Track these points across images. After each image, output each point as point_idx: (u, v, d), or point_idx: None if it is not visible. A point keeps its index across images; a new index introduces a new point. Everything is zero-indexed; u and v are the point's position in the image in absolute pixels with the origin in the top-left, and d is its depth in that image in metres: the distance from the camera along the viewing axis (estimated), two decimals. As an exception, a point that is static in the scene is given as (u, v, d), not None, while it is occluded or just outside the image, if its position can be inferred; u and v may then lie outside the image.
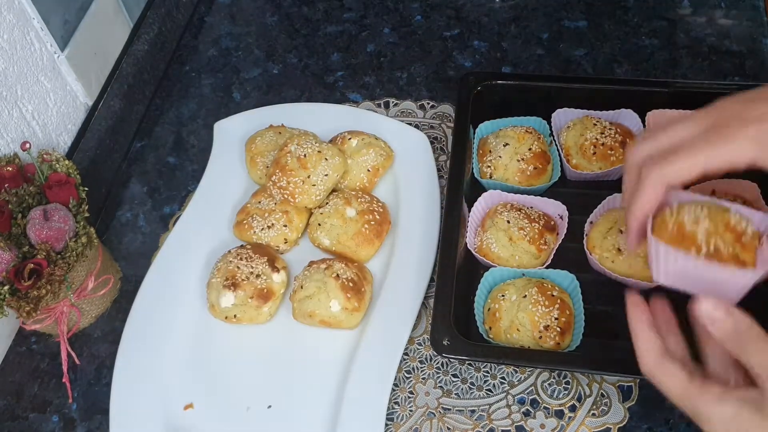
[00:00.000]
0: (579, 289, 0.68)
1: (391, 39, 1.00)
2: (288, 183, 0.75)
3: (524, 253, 0.71)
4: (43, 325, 0.69)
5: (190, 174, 0.88)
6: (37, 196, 0.69)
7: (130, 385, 0.70)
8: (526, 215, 0.72)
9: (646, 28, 0.95)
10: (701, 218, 0.52)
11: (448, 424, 0.66)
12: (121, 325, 0.74)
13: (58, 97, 0.80)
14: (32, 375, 0.74)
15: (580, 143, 0.77)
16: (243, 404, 0.69)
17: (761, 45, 0.92)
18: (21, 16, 0.72)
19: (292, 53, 1.00)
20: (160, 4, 0.98)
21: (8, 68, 0.71)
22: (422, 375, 0.70)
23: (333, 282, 0.70)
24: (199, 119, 0.94)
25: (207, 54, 1.02)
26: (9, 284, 0.63)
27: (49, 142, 0.79)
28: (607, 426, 0.65)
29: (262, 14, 1.06)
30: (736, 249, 0.52)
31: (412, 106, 0.91)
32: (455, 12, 1.02)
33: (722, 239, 0.52)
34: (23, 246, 0.66)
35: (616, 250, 0.69)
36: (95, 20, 0.85)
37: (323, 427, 0.66)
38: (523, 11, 1.00)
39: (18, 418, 0.71)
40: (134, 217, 0.85)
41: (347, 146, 0.81)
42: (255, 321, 0.72)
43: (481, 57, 0.96)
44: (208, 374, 0.71)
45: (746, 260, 0.52)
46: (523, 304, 0.66)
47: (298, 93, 0.95)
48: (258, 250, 0.74)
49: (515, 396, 0.67)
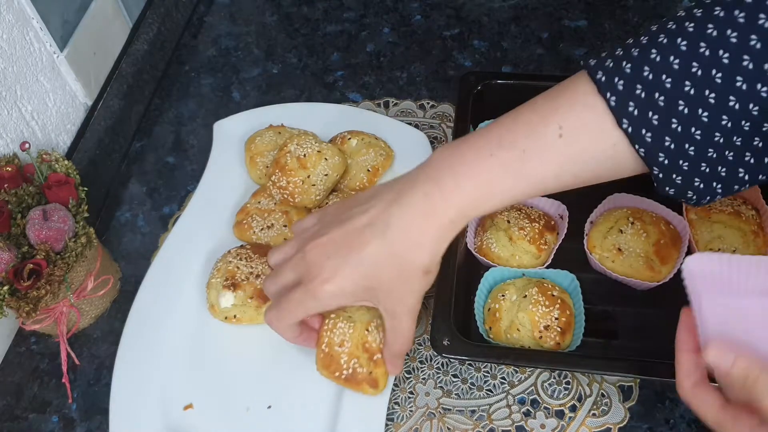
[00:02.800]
0: (579, 289, 0.68)
1: (391, 39, 1.00)
2: (288, 183, 0.75)
3: (524, 253, 0.71)
4: (42, 326, 0.69)
5: (190, 174, 0.88)
6: (37, 196, 0.69)
7: (129, 386, 0.70)
8: (526, 215, 0.72)
9: (646, 28, 0.95)
10: (345, 340, 0.64)
11: (449, 424, 0.66)
12: (121, 326, 0.73)
13: (57, 97, 0.80)
14: (32, 375, 0.73)
15: (580, 143, 0.77)
16: (243, 404, 0.68)
17: (761, 44, 0.92)
18: (20, 16, 0.72)
19: (292, 53, 1.00)
20: (160, 4, 0.98)
21: (7, 68, 0.71)
22: (422, 375, 0.69)
23: None
24: (198, 119, 0.94)
25: (206, 54, 1.02)
26: (8, 284, 0.63)
27: (48, 142, 0.79)
28: (607, 426, 0.65)
29: (261, 14, 1.06)
30: (370, 367, 0.63)
31: (411, 105, 0.91)
32: (455, 11, 1.02)
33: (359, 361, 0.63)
34: (22, 246, 0.66)
35: (616, 250, 0.69)
36: (94, 20, 0.85)
37: (323, 427, 0.66)
38: (523, 11, 1.00)
39: (18, 418, 0.71)
40: (134, 217, 0.85)
41: (347, 146, 0.81)
42: (255, 321, 0.72)
43: (481, 56, 0.96)
44: (207, 374, 0.71)
45: (377, 378, 0.63)
46: (523, 304, 0.66)
47: (297, 93, 0.95)
48: (258, 250, 0.74)
49: (515, 396, 0.67)
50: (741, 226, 0.69)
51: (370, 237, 0.56)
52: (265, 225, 0.76)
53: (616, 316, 0.70)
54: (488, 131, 0.54)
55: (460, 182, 0.53)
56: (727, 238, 0.69)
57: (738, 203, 0.71)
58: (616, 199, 0.73)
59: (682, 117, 0.47)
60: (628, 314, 0.70)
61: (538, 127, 0.52)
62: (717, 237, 0.69)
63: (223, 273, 0.72)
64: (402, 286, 0.57)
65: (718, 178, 0.50)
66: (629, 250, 0.69)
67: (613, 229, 0.70)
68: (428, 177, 0.55)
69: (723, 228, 0.69)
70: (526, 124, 0.52)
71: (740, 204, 0.71)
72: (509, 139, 0.53)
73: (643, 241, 0.69)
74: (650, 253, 0.68)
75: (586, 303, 0.68)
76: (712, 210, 0.71)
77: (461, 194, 0.53)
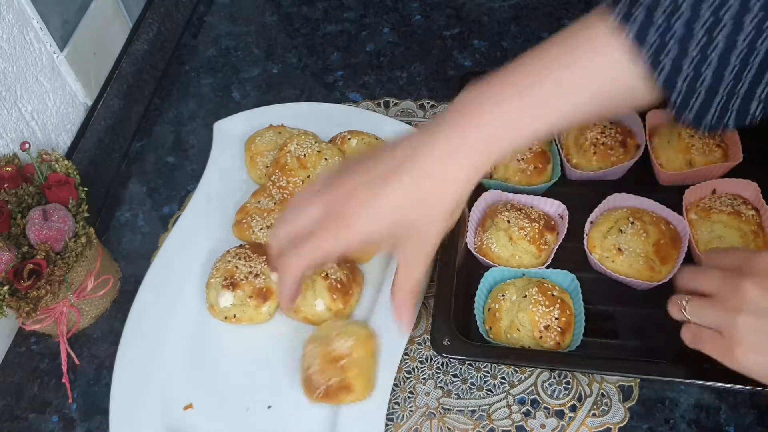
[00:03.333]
0: (579, 289, 0.68)
1: (391, 38, 1.00)
2: (288, 183, 0.75)
3: (524, 253, 0.71)
4: (42, 326, 0.69)
5: (190, 174, 0.88)
6: (37, 196, 0.69)
7: (129, 386, 0.70)
8: (526, 215, 0.72)
9: None
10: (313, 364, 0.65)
11: (449, 424, 0.66)
12: (121, 326, 0.73)
13: (57, 97, 0.80)
14: (32, 375, 0.73)
15: (580, 142, 0.77)
16: (243, 404, 0.68)
17: (761, 44, 0.92)
18: (20, 16, 0.72)
19: (292, 53, 1.00)
20: (160, 4, 0.98)
21: (7, 68, 0.71)
22: (422, 375, 0.69)
23: (321, 281, 0.70)
24: (198, 119, 0.94)
25: (206, 54, 1.02)
26: (8, 284, 0.63)
27: (48, 142, 0.79)
28: (607, 426, 0.65)
29: (261, 14, 1.06)
30: (340, 374, 0.64)
31: (411, 105, 0.91)
32: (455, 11, 1.02)
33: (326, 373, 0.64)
34: (23, 246, 0.66)
35: (616, 250, 0.69)
36: (94, 20, 0.85)
37: (323, 427, 0.66)
38: (523, 10, 1.00)
39: (18, 418, 0.71)
40: (134, 217, 0.85)
41: (347, 146, 0.81)
42: (254, 321, 0.72)
43: (481, 56, 0.96)
44: (207, 374, 0.71)
45: (351, 383, 0.64)
46: (523, 304, 0.66)
47: (297, 93, 0.95)
48: (257, 250, 0.74)
49: (515, 396, 0.67)
50: (741, 226, 0.69)
51: (397, 181, 0.56)
52: (265, 225, 0.76)
53: (616, 316, 0.70)
54: (513, 71, 0.55)
55: (486, 125, 0.54)
56: (727, 237, 0.69)
57: (738, 203, 0.71)
58: (616, 199, 0.73)
59: (699, 43, 0.48)
60: (628, 314, 0.70)
61: (560, 64, 0.53)
62: (717, 237, 0.69)
63: (222, 273, 0.72)
64: (425, 229, 0.57)
65: (730, 109, 0.51)
66: (629, 250, 0.69)
67: (613, 229, 0.70)
68: (454, 121, 0.55)
69: (723, 228, 0.69)
70: (549, 62, 0.53)
71: (740, 204, 0.71)
72: (533, 79, 0.53)
73: (643, 241, 0.69)
74: (650, 253, 0.68)
75: (586, 303, 0.67)
76: (712, 210, 0.71)
77: (486, 136, 0.54)
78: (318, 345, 0.66)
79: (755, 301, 0.49)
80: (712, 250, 0.57)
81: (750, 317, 0.50)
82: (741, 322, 0.50)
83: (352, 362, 0.64)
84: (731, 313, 0.51)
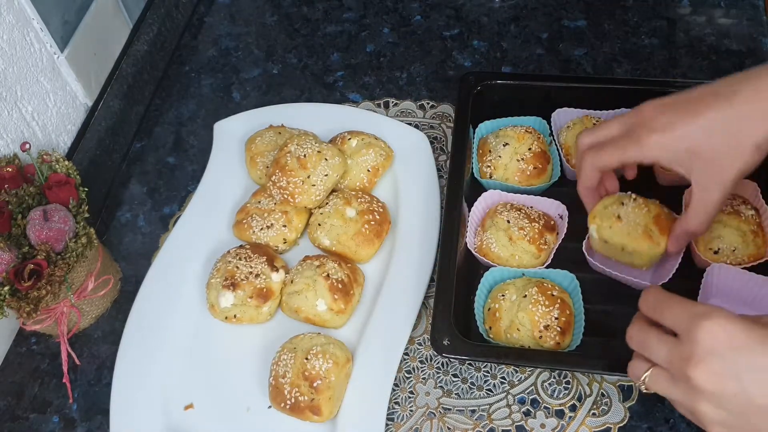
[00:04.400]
0: (579, 288, 0.68)
1: (391, 39, 1.00)
2: (288, 183, 0.75)
3: (524, 253, 0.71)
4: (43, 326, 0.69)
5: (190, 174, 0.88)
6: (37, 196, 0.69)
7: (130, 386, 0.70)
8: (526, 215, 0.72)
9: (645, 28, 0.95)
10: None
11: (449, 424, 0.66)
12: (121, 326, 0.74)
13: (57, 98, 0.80)
14: (32, 375, 0.74)
15: (579, 143, 0.77)
16: (243, 404, 0.69)
17: (761, 44, 0.92)
18: (21, 17, 0.72)
19: (292, 53, 1.00)
20: (160, 5, 0.98)
21: (8, 69, 0.71)
22: (422, 375, 0.70)
23: (322, 281, 0.70)
24: (198, 119, 0.94)
25: (206, 54, 1.02)
26: (9, 285, 0.63)
27: (48, 142, 0.79)
28: (607, 425, 0.65)
29: (261, 14, 1.06)
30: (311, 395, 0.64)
31: (411, 106, 0.91)
32: (455, 12, 1.02)
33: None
34: (23, 246, 0.66)
35: (615, 218, 0.68)
36: (95, 21, 0.85)
37: (323, 427, 0.66)
38: (522, 11, 1.00)
39: (18, 418, 0.71)
40: (134, 217, 0.85)
41: (347, 146, 0.81)
42: (255, 321, 0.72)
43: (481, 57, 0.96)
44: (208, 374, 0.71)
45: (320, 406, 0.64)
46: (523, 304, 0.66)
47: (297, 93, 0.95)
48: (257, 250, 0.74)
49: (515, 396, 0.67)
50: (740, 225, 0.69)
51: (712, 101, 0.55)
52: (265, 225, 0.76)
53: (616, 316, 0.69)
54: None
55: None
56: (727, 237, 0.69)
57: (738, 203, 0.71)
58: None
59: None
60: (628, 314, 0.69)
61: None
62: (717, 237, 0.69)
63: (222, 273, 0.72)
64: (727, 157, 0.56)
65: None
66: (629, 219, 0.67)
67: (615, 201, 0.69)
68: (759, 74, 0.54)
69: (722, 228, 0.69)
70: None
71: (740, 204, 0.71)
72: None
73: (644, 215, 0.68)
74: (650, 223, 0.67)
75: (586, 303, 0.68)
76: (711, 210, 0.70)
77: None
78: (294, 357, 0.65)
79: (710, 391, 0.46)
80: (652, 288, 0.54)
81: (710, 405, 0.47)
82: (703, 408, 0.47)
83: (326, 385, 0.64)
84: (691, 396, 0.48)
